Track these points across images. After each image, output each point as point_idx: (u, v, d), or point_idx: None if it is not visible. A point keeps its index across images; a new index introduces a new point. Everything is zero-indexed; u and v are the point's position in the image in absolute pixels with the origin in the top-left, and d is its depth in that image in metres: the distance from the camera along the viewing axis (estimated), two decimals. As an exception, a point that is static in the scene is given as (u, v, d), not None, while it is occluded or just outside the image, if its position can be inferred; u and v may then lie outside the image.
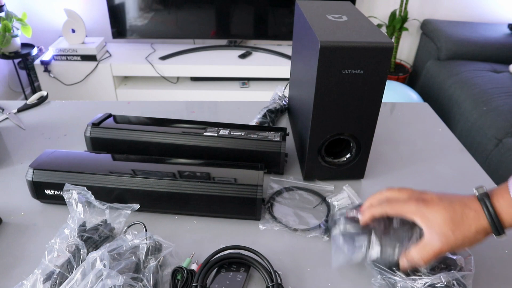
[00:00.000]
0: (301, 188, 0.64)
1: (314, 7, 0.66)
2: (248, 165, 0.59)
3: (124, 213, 0.51)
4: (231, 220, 0.57)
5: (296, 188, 0.64)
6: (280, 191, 0.63)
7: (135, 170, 0.56)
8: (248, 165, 0.59)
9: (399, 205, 0.44)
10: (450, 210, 0.41)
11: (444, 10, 2.25)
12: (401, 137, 0.80)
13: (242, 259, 0.48)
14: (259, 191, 0.54)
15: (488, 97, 1.60)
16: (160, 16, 2.10)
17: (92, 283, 0.40)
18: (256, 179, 0.55)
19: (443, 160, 0.73)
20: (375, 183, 0.67)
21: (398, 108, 0.92)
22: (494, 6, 2.25)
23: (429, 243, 0.42)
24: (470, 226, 0.41)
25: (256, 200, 0.54)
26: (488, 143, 1.48)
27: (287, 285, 0.48)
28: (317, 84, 0.54)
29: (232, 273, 0.47)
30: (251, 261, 0.48)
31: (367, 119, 0.59)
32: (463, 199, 0.43)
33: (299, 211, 0.59)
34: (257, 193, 0.54)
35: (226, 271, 0.47)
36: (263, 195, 0.54)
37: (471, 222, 0.41)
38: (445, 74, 1.87)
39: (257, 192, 0.54)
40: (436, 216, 0.42)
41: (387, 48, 0.52)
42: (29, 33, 1.95)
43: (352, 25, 0.57)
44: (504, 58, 1.90)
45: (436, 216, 0.41)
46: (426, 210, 0.42)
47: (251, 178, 0.55)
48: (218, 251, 0.48)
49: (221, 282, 0.46)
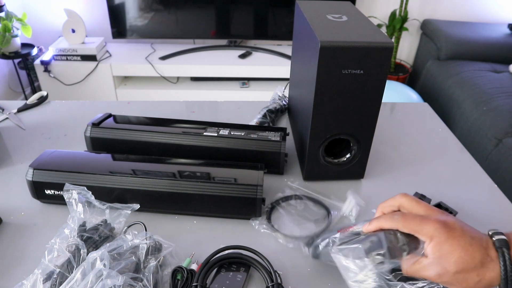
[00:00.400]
0: (311, 199, 0.62)
1: (314, 7, 0.66)
2: (249, 165, 0.59)
3: (124, 213, 0.51)
4: (231, 220, 0.57)
5: (306, 198, 0.62)
6: (289, 197, 0.62)
7: (135, 170, 0.56)
8: (249, 165, 0.59)
9: (415, 223, 0.39)
10: (468, 254, 0.36)
11: (444, 10, 2.25)
12: (401, 137, 0.80)
13: (242, 259, 0.48)
14: (259, 191, 0.54)
15: (488, 97, 1.60)
16: (160, 16, 2.10)
17: (92, 283, 0.40)
18: (256, 179, 0.55)
19: (443, 160, 0.73)
20: (375, 183, 0.67)
21: (398, 108, 0.92)
22: (494, 6, 2.25)
23: (426, 268, 0.38)
24: (477, 276, 0.37)
25: (256, 200, 0.54)
26: (488, 143, 1.48)
27: (287, 285, 0.48)
28: (317, 84, 0.54)
29: (232, 273, 0.47)
30: (251, 261, 0.48)
31: (367, 119, 0.59)
32: (482, 242, 0.38)
33: (299, 219, 0.58)
34: (257, 193, 0.54)
35: (226, 271, 0.47)
36: (263, 194, 0.54)
37: (481, 274, 0.36)
38: (445, 74, 1.87)
39: (257, 192, 0.54)
40: (451, 252, 0.37)
41: (387, 48, 0.52)
42: (29, 33, 1.95)
43: (352, 25, 0.57)
44: (504, 58, 1.90)
45: (452, 252, 0.37)
46: (444, 239, 0.37)
47: (251, 178, 0.55)
48: (218, 251, 0.48)
49: (221, 282, 0.46)
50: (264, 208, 0.59)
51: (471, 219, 0.59)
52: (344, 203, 0.60)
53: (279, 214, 0.59)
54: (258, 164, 0.58)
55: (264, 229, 0.56)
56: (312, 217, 0.59)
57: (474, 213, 0.60)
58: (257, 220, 0.56)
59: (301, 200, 0.62)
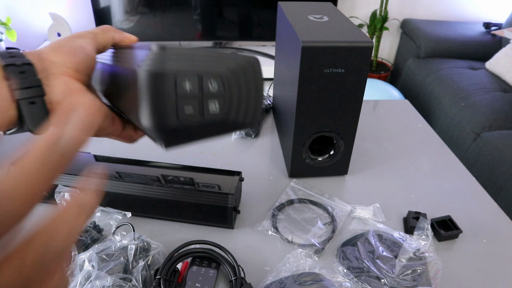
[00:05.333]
0: (314, 203, 0.62)
1: (296, 8, 0.68)
2: (226, 172, 0.58)
3: (115, 218, 0.51)
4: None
5: (308, 201, 0.62)
6: (292, 200, 0.62)
7: (120, 173, 0.56)
8: (225, 171, 0.58)
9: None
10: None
11: (423, 9, 2.31)
12: (383, 134, 0.82)
13: (206, 254, 0.49)
14: (230, 200, 0.52)
15: (466, 93, 1.65)
16: (146, 19, 2.09)
17: (81, 284, 0.40)
18: (229, 188, 0.54)
19: (423, 155, 0.75)
20: (359, 178, 0.68)
21: (380, 105, 0.94)
22: (470, 5, 2.32)
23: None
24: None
25: (227, 209, 0.53)
26: (466, 138, 1.53)
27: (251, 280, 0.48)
28: (300, 83, 0.55)
29: (204, 269, 0.48)
30: (216, 256, 0.49)
31: (350, 116, 0.60)
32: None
33: (302, 223, 0.58)
34: (228, 202, 0.52)
35: (198, 266, 0.48)
36: (235, 203, 0.53)
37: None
38: (425, 71, 1.92)
39: (228, 201, 0.52)
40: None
41: (367, 48, 0.54)
42: (14, 37, 1.91)
43: (333, 25, 0.59)
44: (481, 56, 1.96)
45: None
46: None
47: (224, 186, 0.54)
48: (184, 245, 0.49)
49: (194, 278, 0.47)
50: (269, 212, 0.60)
51: (452, 211, 0.61)
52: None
53: (283, 219, 0.59)
54: (235, 172, 0.57)
55: (272, 232, 0.56)
56: (314, 221, 0.58)
57: (454, 205, 0.63)
58: (262, 224, 0.57)
59: (305, 204, 0.61)
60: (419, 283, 0.47)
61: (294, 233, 0.56)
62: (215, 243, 0.49)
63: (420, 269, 0.48)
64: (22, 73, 0.27)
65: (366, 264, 0.49)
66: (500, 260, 0.53)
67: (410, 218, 0.57)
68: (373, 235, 0.52)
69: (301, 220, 0.59)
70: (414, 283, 0.47)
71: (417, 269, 0.48)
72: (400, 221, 0.59)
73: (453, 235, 0.56)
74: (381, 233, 0.53)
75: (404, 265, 0.48)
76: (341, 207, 0.61)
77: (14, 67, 0.27)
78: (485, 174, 1.38)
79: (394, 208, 0.61)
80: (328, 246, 0.54)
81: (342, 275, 0.48)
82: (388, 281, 0.47)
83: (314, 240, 0.55)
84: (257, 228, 0.57)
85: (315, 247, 0.54)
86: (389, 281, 0.47)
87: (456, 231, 0.56)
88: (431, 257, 0.49)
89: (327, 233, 0.56)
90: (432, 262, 0.49)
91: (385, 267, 0.48)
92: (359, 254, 0.51)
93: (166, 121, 0.24)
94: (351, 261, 0.50)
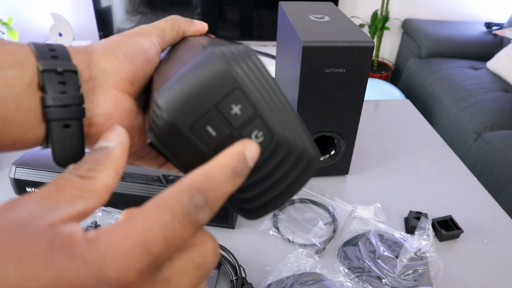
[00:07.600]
0: (315, 203, 0.61)
1: (297, 8, 0.68)
2: None
3: (116, 217, 0.51)
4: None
5: (309, 201, 0.62)
6: (293, 200, 0.62)
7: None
8: None
9: None
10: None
11: (424, 9, 2.31)
12: (384, 133, 0.82)
13: None
14: None
15: (467, 93, 1.65)
16: (147, 18, 2.09)
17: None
18: None
19: (424, 155, 0.75)
20: (360, 178, 0.68)
21: (381, 105, 0.94)
22: (471, 5, 2.32)
23: None
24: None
25: (228, 209, 0.53)
26: (467, 138, 1.53)
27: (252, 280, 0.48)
28: (301, 83, 0.55)
29: None
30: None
31: (351, 116, 0.60)
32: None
33: (303, 223, 0.58)
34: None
35: None
36: None
37: None
38: (426, 71, 1.92)
39: None
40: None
41: (368, 48, 0.54)
42: (15, 37, 1.92)
43: (334, 25, 0.59)
44: (482, 55, 1.96)
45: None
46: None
47: None
48: None
49: None
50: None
51: (453, 211, 0.61)
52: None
53: (283, 219, 0.59)
54: None
55: (273, 232, 0.56)
56: (315, 222, 0.58)
57: (455, 205, 0.63)
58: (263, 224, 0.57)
59: (306, 204, 0.61)
60: (420, 283, 0.47)
61: (295, 233, 0.56)
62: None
63: (421, 269, 0.48)
64: (62, 84, 0.21)
65: (367, 264, 0.49)
66: (501, 260, 0.53)
67: (411, 218, 0.57)
68: (374, 235, 0.52)
69: (302, 220, 0.59)
70: (415, 283, 0.47)
71: (418, 269, 0.48)
72: (401, 221, 0.59)
73: (454, 235, 0.56)
74: (382, 233, 0.53)
75: (405, 265, 0.48)
76: (342, 207, 0.61)
77: (53, 74, 0.21)
78: (486, 174, 1.38)
79: (395, 208, 0.61)
80: (329, 246, 0.54)
81: (343, 275, 0.48)
82: (389, 281, 0.47)
83: (315, 240, 0.55)
84: (258, 228, 0.57)
85: (316, 247, 0.54)
86: (390, 281, 0.47)
87: (457, 231, 0.56)
88: (432, 257, 0.49)
89: (328, 233, 0.56)
90: (433, 262, 0.49)
91: (386, 267, 0.48)
92: (360, 254, 0.51)
93: (179, 117, 0.18)
94: (352, 261, 0.50)
